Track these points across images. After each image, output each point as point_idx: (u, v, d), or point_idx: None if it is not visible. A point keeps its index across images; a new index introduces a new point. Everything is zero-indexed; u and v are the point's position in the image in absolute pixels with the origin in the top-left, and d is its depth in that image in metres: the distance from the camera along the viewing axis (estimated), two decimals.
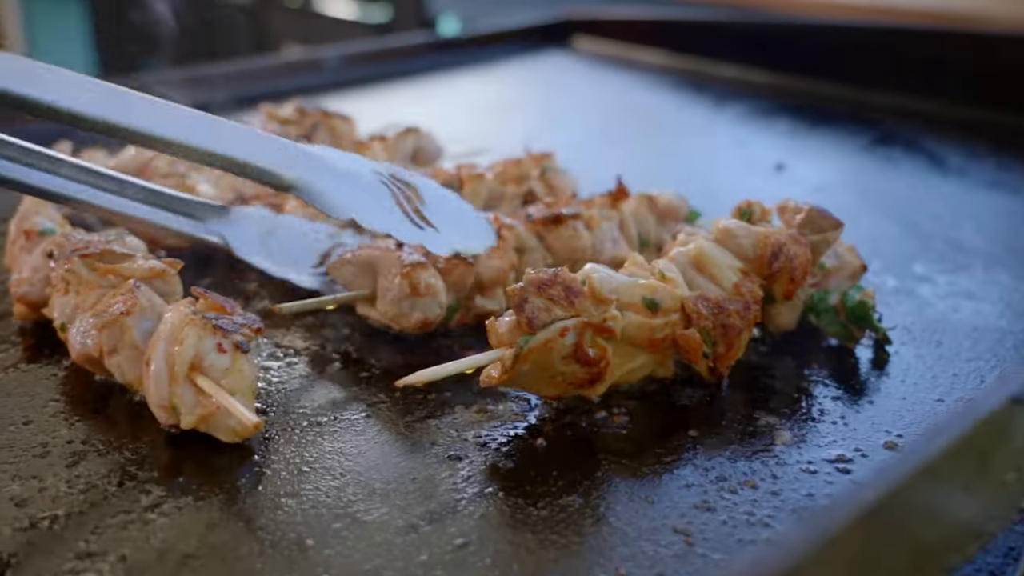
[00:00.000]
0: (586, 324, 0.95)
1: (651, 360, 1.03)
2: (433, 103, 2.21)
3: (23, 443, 0.94)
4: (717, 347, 1.03)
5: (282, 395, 1.03)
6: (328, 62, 2.30)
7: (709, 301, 1.02)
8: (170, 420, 0.94)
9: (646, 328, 1.00)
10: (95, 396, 1.03)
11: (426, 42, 2.57)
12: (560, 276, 0.95)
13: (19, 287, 1.13)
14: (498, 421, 0.99)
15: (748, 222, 1.10)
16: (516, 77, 2.50)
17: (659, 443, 0.96)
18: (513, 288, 0.94)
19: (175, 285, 1.08)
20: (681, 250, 1.07)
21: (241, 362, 0.94)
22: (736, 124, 2.08)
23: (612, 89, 2.34)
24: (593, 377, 0.97)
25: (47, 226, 1.19)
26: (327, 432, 0.96)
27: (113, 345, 0.99)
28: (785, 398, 1.04)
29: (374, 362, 1.10)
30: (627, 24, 2.63)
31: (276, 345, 1.14)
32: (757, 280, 1.07)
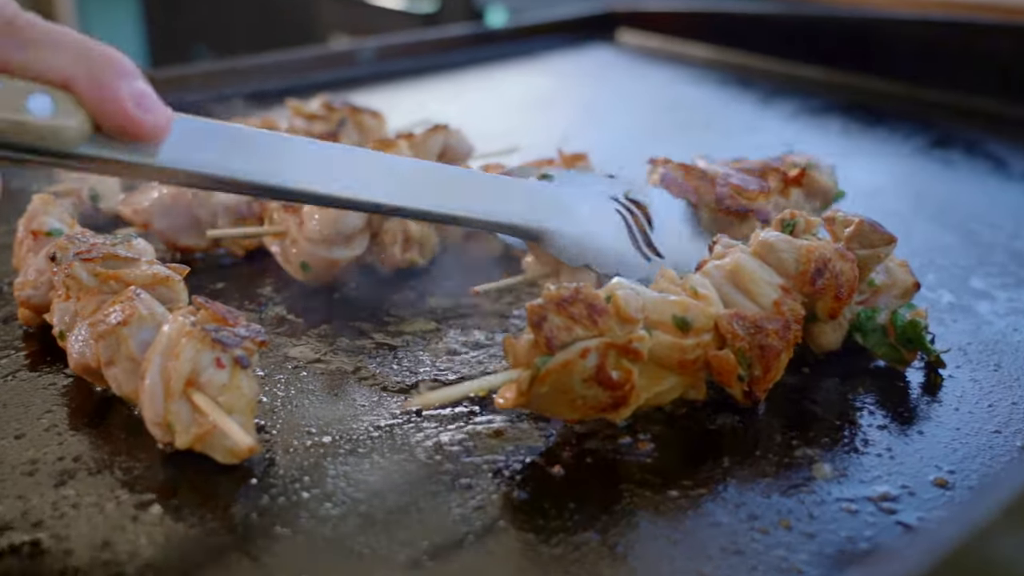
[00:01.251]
0: (609, 345, 0.88)
1: (681, 382, 0.95)
2: (470, 98, 2.15)
3: (11, 459, 0.89)
4: (753, 369, 0.95)
5: (287, 411, 0.98)
6: (362, 54, 2.24)
7: (745, 320, 0.95)
8: (166, 438, 0.89)
9: (676, 349, 0.92)
10: (94, 409, 0.98)
11: (464, 35, 2.51)
12: (582, 293, 0.88)
13: (23, 290, 1.09)
14: (513, 444, 0.92)
15: (791, 234, 1.01)
16: (557, 71, 2.43)
17: (687, 473, 0.88)
18: (532, 304, 0.87)
19: (180, 292, 1.03)
20: (716, 263, 1.00)
21: (240, 378, 0.89)
22: (784, 123, 1.98)
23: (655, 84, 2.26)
24: (617, 401, 0.90)
25: (55, 226, 1.15)
26: (331, 453, 0.91)
27: (110, 356, 0.94)
28: (826, 426, 0.96)
29: (390, 378, 1.04)
30: (672, 16, 2.54)
31: (286, 356, 1.08)
32: (799, 298, 0.99)
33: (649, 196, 1.14)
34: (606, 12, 2.66)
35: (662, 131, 1.95)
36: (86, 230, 1.14)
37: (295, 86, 2.13)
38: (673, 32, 2.50)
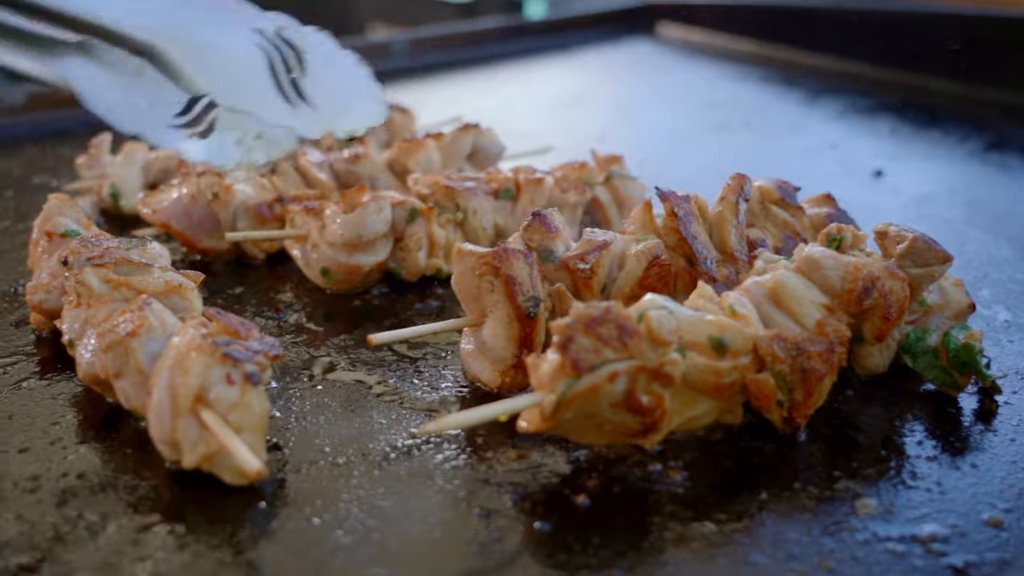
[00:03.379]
0: (640, 368, 0.82)
1: (716, 407, 0.90)
2: (504, 93, 2.09)
3: (14, 474, 0.86)
4: (794, 394, 0.89)
5: (301, 427, 0.93)
6: (396, 46, 2.19)
7: (787, 342, 0.88)
8: (173, 456, 0.85)
9: (712, 372, 0.86)
10: (101, 421, 0.94)
11: (499, 27, 2.45)
12: (612, 313, 0.82)
13: (35, 294, 1.05)
14: (536, 470, 0.87)
15: (837, 249, 0.95)
16: (594, 65, 2.36)
17: (721, 506, 0.83)
18: (559, 324, 0.82)
19: (194, 300, 0.99)
20: (757, 280, 0.93)
21: (250, 396, 0.84)
22: (831, 123, 1.90)
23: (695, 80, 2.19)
24: (647, 427, 0.84)
25: (70, 227, 1.12)
26: (345, 475, 0.86)
27: (119, 368, 0.90)
28: (871, 456, 0.89)
29: (410, 394, 0.99)
30: (714, 10, 2.47)
31: (302, 367, 1.04)
32: (844, 318, 0.92)
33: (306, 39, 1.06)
34: (646, 5, 2.59)
35: (701, 130, 1.89)
36: (102, 232, 1.11)
37: None
38: (716, 26, 2.42)
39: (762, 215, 1.06)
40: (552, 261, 0.97)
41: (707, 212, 1.04)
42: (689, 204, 1.01)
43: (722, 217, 1.02)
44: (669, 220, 1.00)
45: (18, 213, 1.42)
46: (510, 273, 0.93)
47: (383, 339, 0.98)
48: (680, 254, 1.00)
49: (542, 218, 0.98)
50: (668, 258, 0.99)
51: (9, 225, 1.37)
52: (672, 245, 1.00)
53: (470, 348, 0.98)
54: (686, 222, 0.99)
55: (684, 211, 1.00)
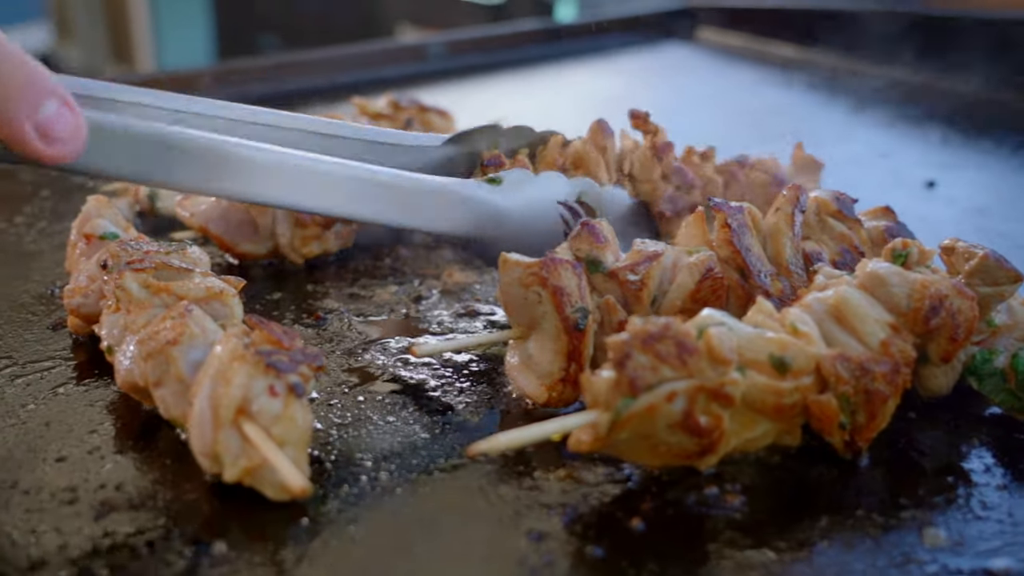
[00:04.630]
0: (699, 388, 0.79)
1: (775, 428, 0.86)
2: (541, 97, 2.06)
3: (51, 486, 0.83)
4: (857, 416, 0.85)
5: (343, 440, 0.90)
6: (432, 49, 2.17)
7: (850, 362, 0.85)
8: (213, 469, 0.82)
9: (772, 392, 0.83)
10: (140, 429, 0.92)
11: (536, 30, 2.42)
12: (671, 329, 0.79)
13: (73, 298, 1.03)
14: (588, 490, 0.84)
15: (903, 266, 0.91)
16: (632, 70, 2.32)
17: (780, 533, 0.79)
18: (615, 340, 0.78)
19: (234, 307, 0.96)
20: (819, 296, 0.90)
21: (294, 408, 0.82)
22: (879, 131, 1.85)
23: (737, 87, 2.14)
24: (704, 449, 0.81)
25: (109, 230, 1.10)
26: (388, 492, 0.83)
27: (159, 377, 0.88)
28: (937, 483, 0.86)
29: (455, 407, 0.96)
30: (756, 13, 2.42)
31: (344, 377, 1.01)
32: (910, 338, 0.88)
33: (601, 198, 1.13)
34: (685, 7, 2.55)
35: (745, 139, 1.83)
36: (141, 235, 1.09)
37: (363, 80, 2.08)
38: (757, 30, 2.38)
39: (818, 227, 1.02)
40: (601, 272, 0.94)
41: (761, 224, 1.00)
42: (743, 215, 0.97)
43: (777, 229, 0.98)
44: (722, 232, 0.97)
45: (55, 214, 1.40)
46: (558, 284, 0.90)
47: (426, 350, 0.95)
48: (733, 267, 0.97)
49: (590, 227, 0.95)
50: (721, 271, 0.95)
51: (46, 226, 1.36)
52: (725, 257, 0.97)
53: (516, 361, 0.95)
54: (740, 234, 0.96)
55: (738, 222, 0.96)
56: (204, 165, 0.93)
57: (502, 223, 1.06)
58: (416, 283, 1.22)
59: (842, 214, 1.01)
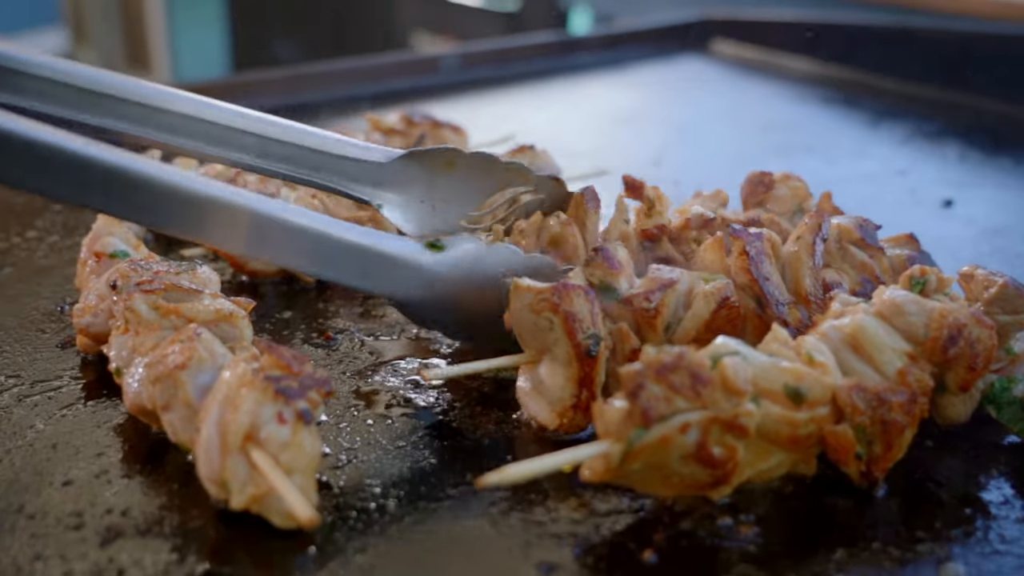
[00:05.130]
0: (713, 419, 0.77)
1: (790, 458, 0.85)
2: (555, 110, 2.05)
3: (57, 510, 0.83)
4: (873, 447, 0.84)
5: (351, 466, 0.90)
6: (446, 61, 2.16)
7: (867, 392, 0.83)
8: (221, 496, 0.82)
9: (787, 423, 0.82)
10: (147, 452, 0.91)
11: (550, 42, 2.41)
12: (685, 359, 0.78)
13: (82, 317, 1.03)
14: (599, 520, 0.82)
15: (920, 293, 0.90)
16: (647, 83, 2.31)
17: (794, 566, 0.78)
18: (628, 370, 0.77)
19: (244, 329, 0.95)
20: (835, 324, 0.88)
21: (302, 435, 0.81)
22: (896, 147, 1.83)
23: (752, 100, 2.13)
24: (717, 480, 0.80)
25: (119, 247, 1.09)
26: (396, 520, 0.82)
27: (167, 400, 0.87)
28: (954, 515, 0.84)
29: (465, 432, 0.95)
30: (771, 27, 2.40)
31: (353, 399, 1.00)
32: (927, 367, 0.87)
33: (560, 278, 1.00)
34: (700, 20, 2.53)
35: (761, 153, 1.83)
36: (151, 254, 1.09)
37: (377, 92, 2.07)
38: (773, 44, 2.36)
39: (839, 255, 1.01)
40: (615, 298, 0.93)
41: (780, 250, 0.99)
42: (762, 243, 0.96)
43: (797, 258, 0.97)
44: (740, 259, 0.95)
45: (66, 228, 1.40)
46: (570, 310, 0.89)
47: (438, 375, 0.94)
48: (750, 295, 0.95)
49: (605, 253, 0.94)
50: (737, 299, 0.94)
51: (57, 240, 1.35)
52: (742, 285, 0.95)
53: (527, 386, 0.94)
54: (758, 262, 0.94)
55: (756, 250, 0.95)
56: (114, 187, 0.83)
57: (433, 291, 0.98)
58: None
59: (864, 242, 1.00)
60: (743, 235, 0.96)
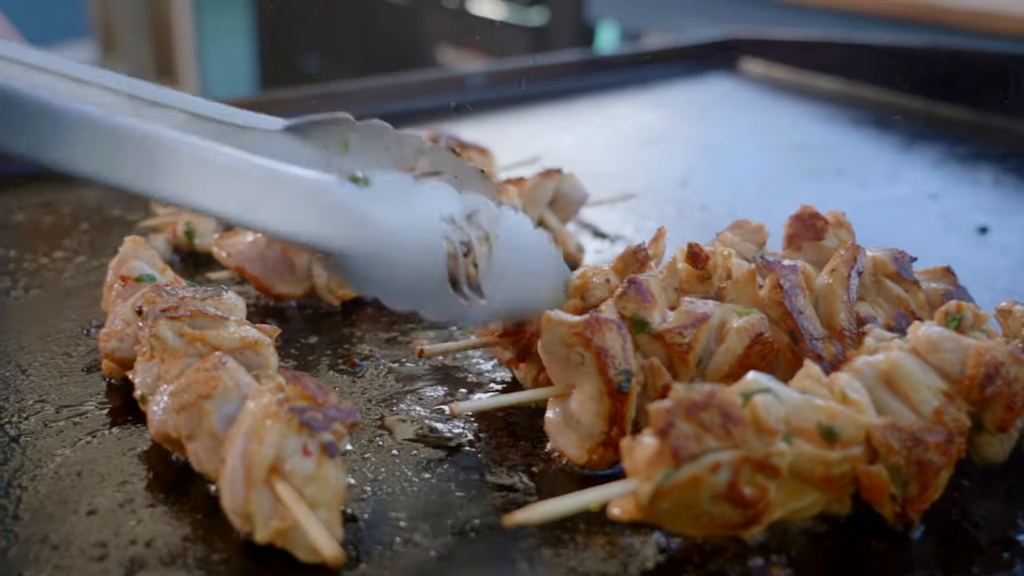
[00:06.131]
0: (745, 459, 0.76)
1: (823, 498, 0.83)
2: (583, 130, 2.04)
3: (81, 540, 0.82)
4: (908, 488, 0.82)
5: (376, 498, 0.89)
6: (472, 80, 2.16)
7: (902, 432, 0.82)
8: (245, 528, 0.81)
9: (820, 463, 0.80)
10: (172, 481, 0.91)
11: (577, 61, 2.40)
12: (716, 397, 0.76)
13: (108, 342, 1.03)
14: (627, 559, 0.81)
15: (956, 330, 0.88)
16: (674, 102, 2.30)
17: None
18: (658, 408, 0.76)
19: (269, 357, 0.95)
20: (869, 360, 0.87)
21: (327, 468, 0.80)
22: (929, 171, 1.81)
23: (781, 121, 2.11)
24: (748, 520, 0.78)
25: (145, 271, 1.09)
26: (422, 555, 0.81)
27: (191, 430, 0.87)
28: (992, 558, 0.82)
29: (490, 466, 0.94)
30: (802, 46, 2.38)
31: (378, 429, 0.99)
32: (964, 406, 0.85)
33: (497, 222, 0.93)
34: (728, 39, 2.51)
35: (791, 176, 1.81)
36: (177, 279, 1.08)
37: (403, 111, 2.07)
38: (802, 63, 2.34)
39: (873, 289, 0.99)
40: (647, 332, 0.92)
41: (814, 283, 0.97)
42: (796, 275, 0.94)
43: (831, 291, 0.95)
44: (773, 292, 0.94)
45: (93, 248, 1.40)
46: (602, 345, 0.88)
47: (465, 408, 0.93)
48: (783, 329, 0.94)
49: (637, 286, 0.92)
50: (771, 334, 0.92)
51: (84, 261, 1.36)
52: (775, 319, 0.94)
53: (556, 420, 0.93)
54: (792, 295, 0.93)
55: (790, 283, 0.93)
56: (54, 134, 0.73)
57: (363, 234, 0.85)
58: (453, 328, 1.20)
59: (900, 276, 0.98)
60: (777, 268, 0.94)
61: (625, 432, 0.90)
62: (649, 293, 0.93)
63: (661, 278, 1.03)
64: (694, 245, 1.02)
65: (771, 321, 0.95)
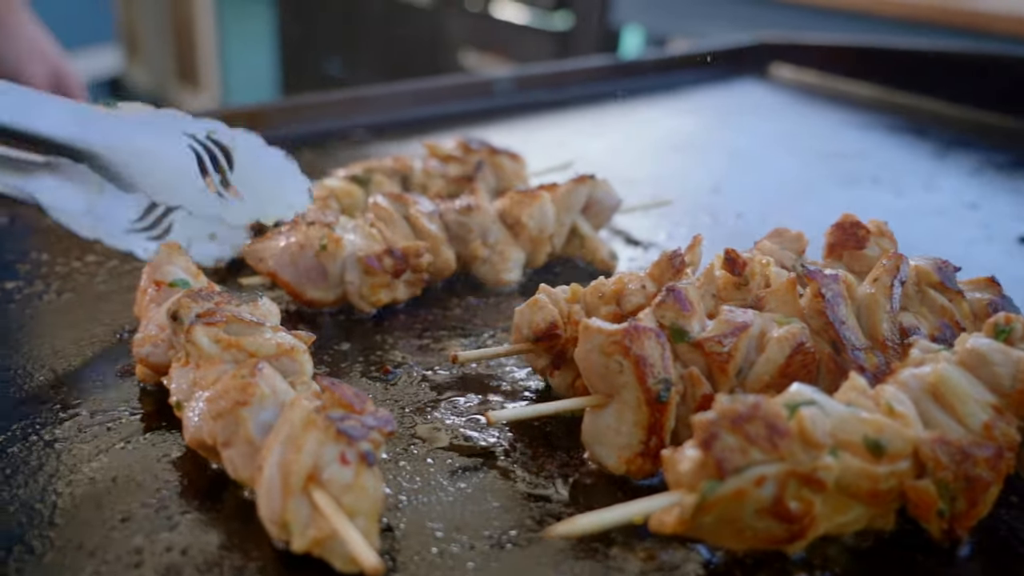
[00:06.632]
0: (791, 473, 0.74)
1: (869, 512, 0.81)
2: (612, 136, 2.02)
3: (116, 547, 0.82)
4: (956, 503, 0.80)
5: (412, 507, 0.88)
6: (500, 85, 2.15)
7: (951, 446, 0.80)
8: (282, 537, 0.80)
9: (867, 477, 0.78)
10: (207, 487, 0.90)
11: (606, 66, 2.38)
12: (761, 409, 0.75)
13: (142, 347, 1.02)
14: (668, 572, 0.80)
15: (1005, 342, 0.86)
16: (704, 108, 2.28)
17: None
18: (702, 419, 0.75)
19: (304, 363, 0.94)
20: (915, 372, 0.85)
21: (365, 477, 0.79)
22: (966, 179, 1.78)
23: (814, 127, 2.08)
24: (793, 534, 0.77)
25: (179, 276, 1.09)
26: (459, 566, 0.80)
27: (227, 437, 0.86)
28: None
29: (525, 477, 0.92)
30: (833, 51, 2.35)
31: (413, 437, 0.98)
32: (1014, 420, 0.83)
33: (236, 140, 1.16)
34: (758, 44, 2.49)
35: (825, 183, 1.78)
36: (211, 284, 1.08)
37: (430, 116, 2.06)
38: (835, 69, 2.31)
39: (917, 299, 0.97)
40: (686, 341, 0.90)
41: (855, 292, 0.95)
42: (838, 284, 0.92)
43: (874, 300, 0.93)
44: (815, 301, 0.92)
45: None
46: (641, 353, 0.87)
47: (501, 418, 0.92)
48: (825, 339, 0.92)
49: (676, 294, 0.91)
50: (812, 344, 0.91)
51: (116, 265, 1.35)
52: (817, 329, 0.92)
53: (593, 429, 0.92)
54: (834, 305, 0.91)
55: (832, 293, 0.92)
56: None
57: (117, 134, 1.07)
58: (485, 335, 1.19)
59: (944, 285, 0.96)
60: (818, 277, 0.93)
61: (664, 442, 0.88)
62: (688, 301, 0.92)
63: (698, 285, 1.02)
64: (731, 252, 1.01)
65: (812, 331, 0.93)
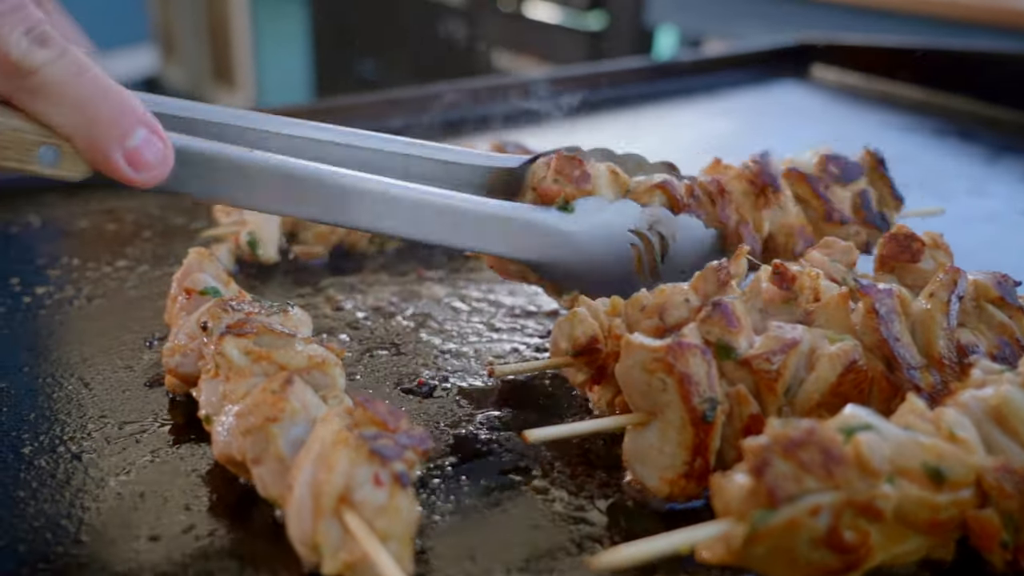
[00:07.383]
0: (847, 502, 0.70)
1: (927, 542, 0.77)
2: (650, 139, 1.98)
3: (145, 568, 0.79)
4: (1021, 535, 0.76)
5: (444, 529, 0.85)
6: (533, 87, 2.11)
7: (1016, 474, 0.75)
8: (312, 559, 0.77)
9: (926, 507, 0.74)
10: (235, 504, 0.88)
11: (642, 67, 2.34)
12: (816, 435, 0.71)
13: (171, 356, 1.00)
14: None
15: None
16: (742, 110, 2.23)
17: None
18: (753, 444, 0.71)
19: (336, 377, 0.91)
20: (976, 395, 0.81)
21: (399, 499, 0.76)
22: (1017, 186, 1.72)
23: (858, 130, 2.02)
24: (848, 565, 0.73)
25: (209, 284, 1.06)
26: None
27: (257, 454, 0.83)
28: None
29: (571, 495, 0.89)
30: (877, 52, 2.29)
31: (445, 451, 0.95)
32: None
33: (675, 225, 1.12)
34: (799, 44, 2.44)
35: None
36: (242, 293, 1.06)
37: (462, 118, 2.03)
38: (878, 70, 2.25)
39: (975, 314, 0.93)
40: (733, 359, 0.86)
41: (910, 308, 0.91)
42: (892, 300, 0.88)
43: (930, 317, 0.89)
44: (868, 318, 0.88)
45: (155, 257, 1.38)
46: (685, 371, 0.83)
47: (539, 436, 0.88)
48: (878, 356, 0.88)
49: (722, 309, 0.87)
50: (865, 362, 0.86)
51: (147, 270, 1.34)
52: (870, 346, 0.88)
53: (635, 449, 0.88)
54: (888, 321, 0.87)
55: (886, 308, 0.87)
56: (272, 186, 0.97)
57: (570, 249, 1.07)
58: (524, 349, 1.16)
59: (1004, 301, 0.91)
60: (871, 291, 0.89)
61: (709, 463, 0.85)
62: (735, 317, 0.88)
63: (744, 299, 0.98)
64: (779, 264, 0.97)
65: (865, 348, 0.89)
